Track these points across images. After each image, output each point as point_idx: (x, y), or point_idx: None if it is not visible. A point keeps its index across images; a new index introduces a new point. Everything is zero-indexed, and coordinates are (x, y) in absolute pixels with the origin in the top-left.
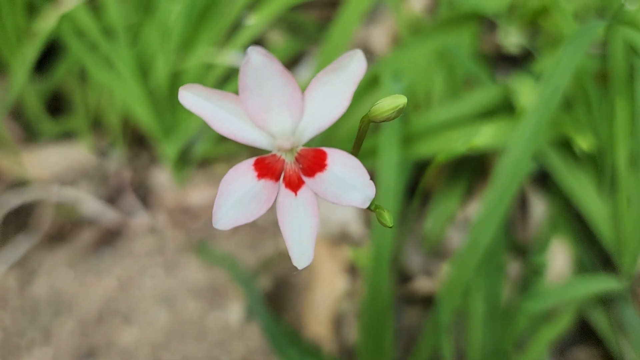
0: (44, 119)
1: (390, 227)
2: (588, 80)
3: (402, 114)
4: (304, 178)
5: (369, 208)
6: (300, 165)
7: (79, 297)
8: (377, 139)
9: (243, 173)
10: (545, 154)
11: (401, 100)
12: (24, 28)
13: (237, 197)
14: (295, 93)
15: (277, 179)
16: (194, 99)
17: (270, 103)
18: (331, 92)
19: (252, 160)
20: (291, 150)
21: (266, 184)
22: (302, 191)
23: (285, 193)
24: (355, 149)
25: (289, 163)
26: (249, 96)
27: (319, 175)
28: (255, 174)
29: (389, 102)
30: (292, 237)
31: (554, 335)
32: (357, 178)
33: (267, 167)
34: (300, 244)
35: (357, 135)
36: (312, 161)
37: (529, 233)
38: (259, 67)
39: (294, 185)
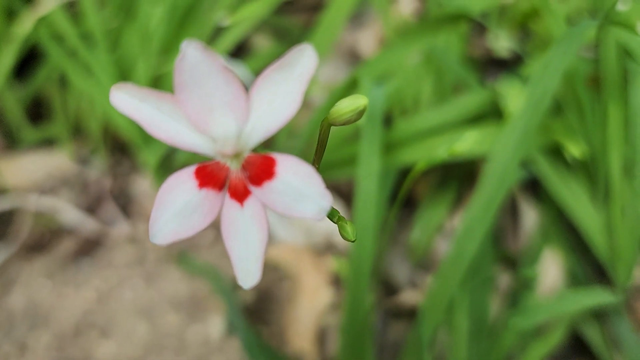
0: (23, 125)
1: (353, 241)
2: (580, 84)
3: (362, 116)
4: (251, 187)
5: (331, 220)
6: (247, 173)
7: (56, 309)
8: (357, 146)
9: (183, 182)
10: (535, 160)
11: (361, 101)
12: (1, 33)
13: (176, 208)
14: (240, 93)
15: (220, 188)
16: (128, 100)
17: (211, 104)
18: (280, 91)
19: (192, 168)
20: (236, 156)
21: (208, 194)
22: (249, 202)
23: (230, 204)
24: (318, 156)
25: (234, 171)
26: (187, 96)
27: (267, 184)
28: (196, 182)
29: (348, 104)
30: (237, 254)
31: (545, 351)
32: (311, 187)
33: (210, 175)
34: (247, 261)
35: (318, 140)
36: (259, 168)
37: (520, 243)
38: (197, 63)
39: (240, 195)
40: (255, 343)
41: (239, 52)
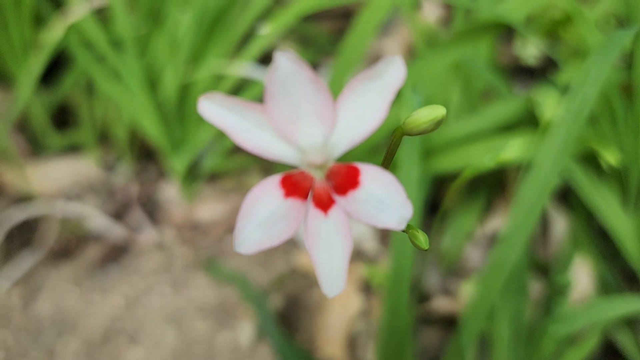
0: (50, 132)
1: (426, 250)
2: (613, 92)
3: (439, 127)
4: (335, 197)
5: (403, 230)
6: (331, 183)
7: (83, 316)
8: (396, 153)
9: (268, 191)
10: (568, 168)
11: (440, 112)
12: (30, 39)
13: (262, 217)
14: (328, 103)
15: (305, 197)
16: (215, 109)
17: (300, 114)
18: (366, 101)
19: (278, 177)
20: (321, 166)
21: (294, 203)
22: (333, 211)
23: (315, 213)
24: (386, 164)
25: (319, 180)
26: (276, 106)
27: (351, 193)
28: (282, 192)
29: (427, 113)
30: (322, 262)
31: (580, 358)
32: (393, 196)
33: (295, 184)
34: (331, 269)
35: (388, 149)
36: (344, 178)
37: (550, 250)
38: (288, 73)
39: (324, 204)
40: (288, 348)
41: (267, 59)
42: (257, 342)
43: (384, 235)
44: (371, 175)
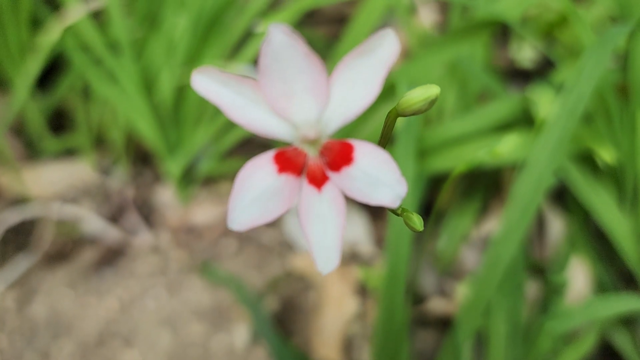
0: (46, 135)
1: (421, 231)
2: (608, 92)
3: (433, 105)
4: (329, 173)
5: (394, 212)
6: (325, 159)
7: (78, 319)
8: (391, 151)
9: (262, 167)
10: (564, 168)
11: (434, 91)
12: (27, 42)
13: (256, 193)
14: (321, 78)
15: (299, 173)
16: (209, 83)
17: (293, 88)
18: (360, 77)
19: (272, 153)
20: (315, 142)
21: (287, 179)
22: (327, 187)
23: (308, 190)
24: (382, 145)
25: (313, 156)
26: (270, 80)
27: (345, 169)
28: (275, 167)
29: (420, 93)
30: (316, 239)
31: (577, 357)
32: (388, 173)
33: (289, 160)
34: (326, 246)
35: (383, 131)
36: (338, 154)
37: (547, 251)
38: (281, 47)
39: (318, 181)
40: (283, 351)
41: None
42: (253, 345)
43: (380, 238)
44: (365, 152)
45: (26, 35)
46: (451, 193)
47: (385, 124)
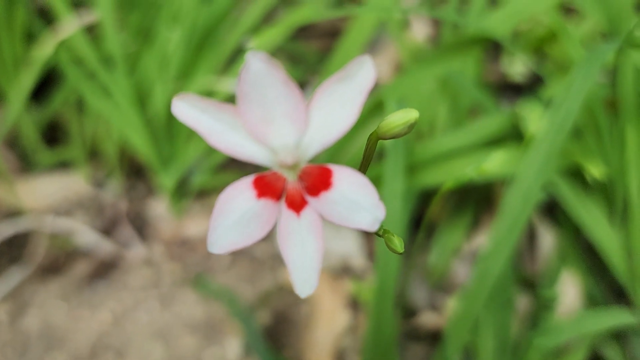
0: (40, 148)
1: (401, 253)
2: (597, 107)
3: (412, 129)
4: (308, 198)
5: (376, 233)
6: (304, 184)
7: (71, 332)
8: (380, 167)
9: (241, 192)
10: (554, 183)
11: (413, 114)
12: (21, 56)
13: (235, 218)
14: (300, 104)
15: (278, 198)
16: (188, 110)
17: (272, 114)
18: (338, 102)
19: (251, 178)
20: (294, 167)
21: (266, 203)
22: (306, 212)
23: (287, 214)
24: (363, 170)
25: (291, 181)
26: (248, 106)
27: (323, 194)
28: (254, 192)
29: (400, 117)
30: (294, 263)
31: None
32: (366, 198)
33: (268, 185)
34: (304, 270)
35: (365, 154)
36: (316, 179)
37: (537, 266)
38: (260, 74)
39: (297, 205)
40: None
41: None
42: (245, 358)
43: (372, 251)
44: (343, 177)
45: (20, 48)
46: (442, 207)
47: (366, 146)
